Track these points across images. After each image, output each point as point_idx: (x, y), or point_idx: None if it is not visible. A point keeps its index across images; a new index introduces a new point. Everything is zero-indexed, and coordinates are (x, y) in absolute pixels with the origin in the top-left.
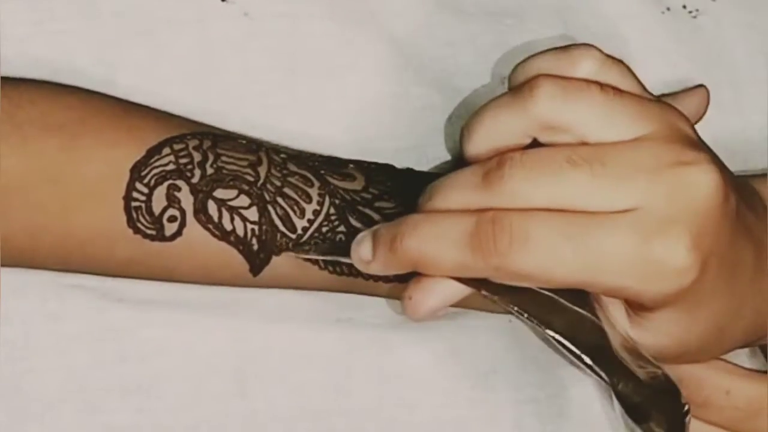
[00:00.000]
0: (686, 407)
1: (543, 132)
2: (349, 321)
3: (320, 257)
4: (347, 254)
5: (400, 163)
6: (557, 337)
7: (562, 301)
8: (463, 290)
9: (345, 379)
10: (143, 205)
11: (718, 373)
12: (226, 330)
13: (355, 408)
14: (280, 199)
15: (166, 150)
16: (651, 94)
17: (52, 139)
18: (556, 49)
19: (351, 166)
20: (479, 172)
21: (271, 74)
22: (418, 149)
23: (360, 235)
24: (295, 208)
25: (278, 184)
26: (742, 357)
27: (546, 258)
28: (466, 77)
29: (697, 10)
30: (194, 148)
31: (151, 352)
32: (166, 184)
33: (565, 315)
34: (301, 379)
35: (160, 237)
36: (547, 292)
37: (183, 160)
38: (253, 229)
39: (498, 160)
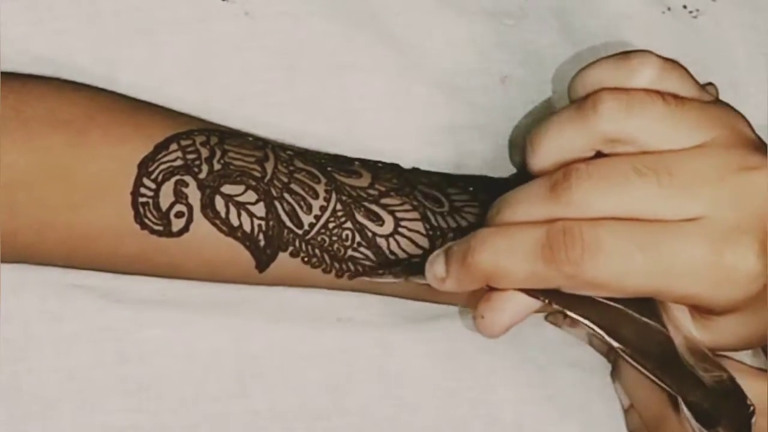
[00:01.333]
0: (751, 408)
1: (606, 145)
2: (350, 321)
3: (395, 280)
4: (420, 274)
5: (401, 163)
6: (626, 351)
7: (630, 311)
8: (533, 304)
9: (345, 379)
10: (150, 200)
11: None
12: (227, 330)
13: (355, 408)
14: (287, 195)
15: (174, 146)
16: (709, 94)
17: (59, 135)
18: (614, 57)
19: (357, 163)
20: (546, 184)
21: (272, 73)
22: (419, 149)
23: (434, 254)
24: (302, 203)
25: (285, 180)
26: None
27: (618, 266)
28: (467, 77)
29: (697, 10)
30: (201, 144)
31: (151, 352)
32: (173, 179)
33: (634, 326)
34: (302, 379)
35: (167, 232)
36: (614, 303)
37: (190, 156)
38: (260, 225)
39: (564, 171)
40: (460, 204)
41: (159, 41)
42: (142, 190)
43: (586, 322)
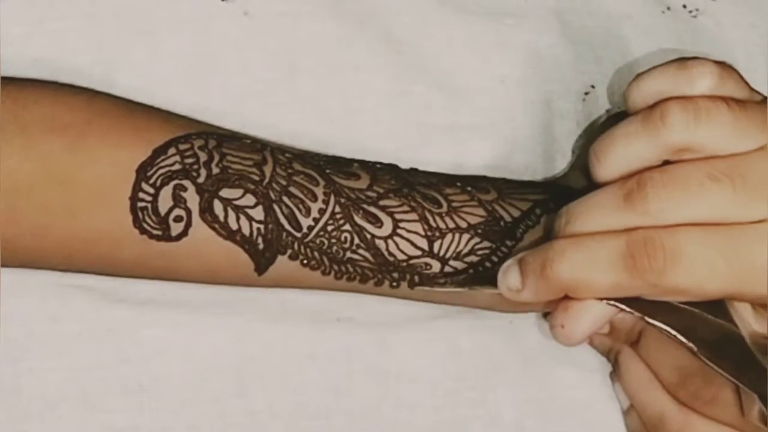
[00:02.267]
0: None
1: (675, 154)
2: (349, 321)
3: (458, 289)
4: (485, 284)
5: (400, 163)
6: (704, 354)
7: (705, 314)
8: (610, 311)
9: (345, 379)
10: (149, 205)
11: None
12: (227, 330)
13: (355, 408)
14: (285, 198)
15: (172, 150)
16: (759, 94)
17: (58, 140)
18: (670, 65)
19: (356, 165)
20: (619, 193)
21: (272, 73)
22: (419, 148)
23: (505, 265)
24: (301, 206)
25: (283, 183)
26: None
27: (701, 272)
28: (466, 77)
29: (697, 10)
30: (199, 147)
31: (151, 352)
32: (172, 184)
33: (709, 328)
34: (302, 379)
35: (166, 237)
36: (689, 307)
37: (189, 160)
38: (258, 228)
39: (638, 180)
40: (459, 204)
41: (159, 41)
42: (141, 195)
43: (667, 328)
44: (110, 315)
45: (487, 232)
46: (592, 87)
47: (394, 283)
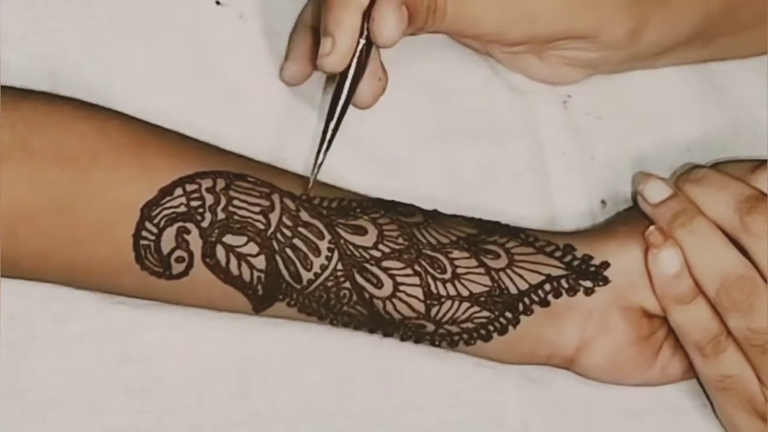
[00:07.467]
0: None
1: None
2: None
3: None
4: None
5: (397, 161)
6: None
7: None
8: None
9: (348, 380)
10: (152, 244)
11: None
12: (228, 331)
13: (358, 409)
14: (288, 251)
15: (179, 191)
16: None
17: (64, 171)
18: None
19: (364, 218)
20: None
21: (266, 76)
22: (419, 147)
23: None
24: (304, 260)
25: (288, 234)
26: None
27: None
28: (452, 79)
29: None
30: (207, 189)
31: (153, 353)
32: (175, 226)
33: None
34: (304, 380)
35: (167, 275)
36: None
37: (194, 203)
38: (259, 277)
39: None
40: (464, 271)
41: (154, 44)
42: (144, 233)
43: None
44: (112, 316)
45: (488, 302)
46: (569, 96)
47: (387, 334)
